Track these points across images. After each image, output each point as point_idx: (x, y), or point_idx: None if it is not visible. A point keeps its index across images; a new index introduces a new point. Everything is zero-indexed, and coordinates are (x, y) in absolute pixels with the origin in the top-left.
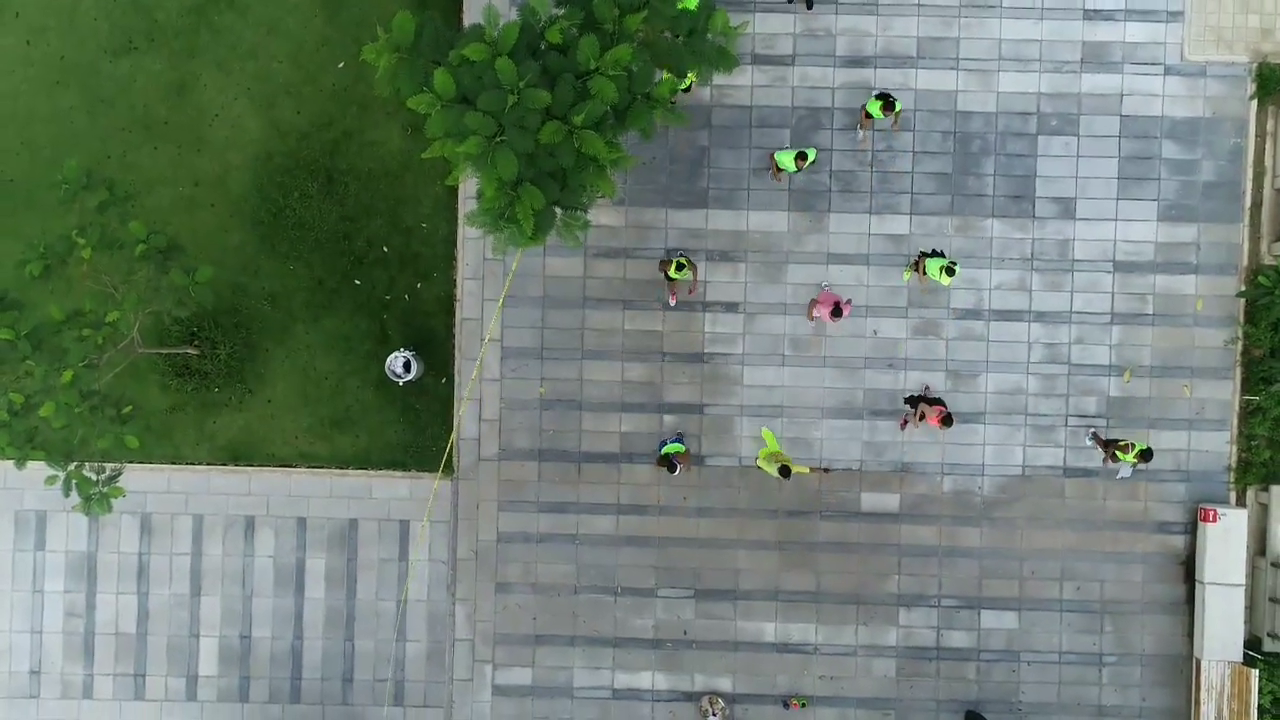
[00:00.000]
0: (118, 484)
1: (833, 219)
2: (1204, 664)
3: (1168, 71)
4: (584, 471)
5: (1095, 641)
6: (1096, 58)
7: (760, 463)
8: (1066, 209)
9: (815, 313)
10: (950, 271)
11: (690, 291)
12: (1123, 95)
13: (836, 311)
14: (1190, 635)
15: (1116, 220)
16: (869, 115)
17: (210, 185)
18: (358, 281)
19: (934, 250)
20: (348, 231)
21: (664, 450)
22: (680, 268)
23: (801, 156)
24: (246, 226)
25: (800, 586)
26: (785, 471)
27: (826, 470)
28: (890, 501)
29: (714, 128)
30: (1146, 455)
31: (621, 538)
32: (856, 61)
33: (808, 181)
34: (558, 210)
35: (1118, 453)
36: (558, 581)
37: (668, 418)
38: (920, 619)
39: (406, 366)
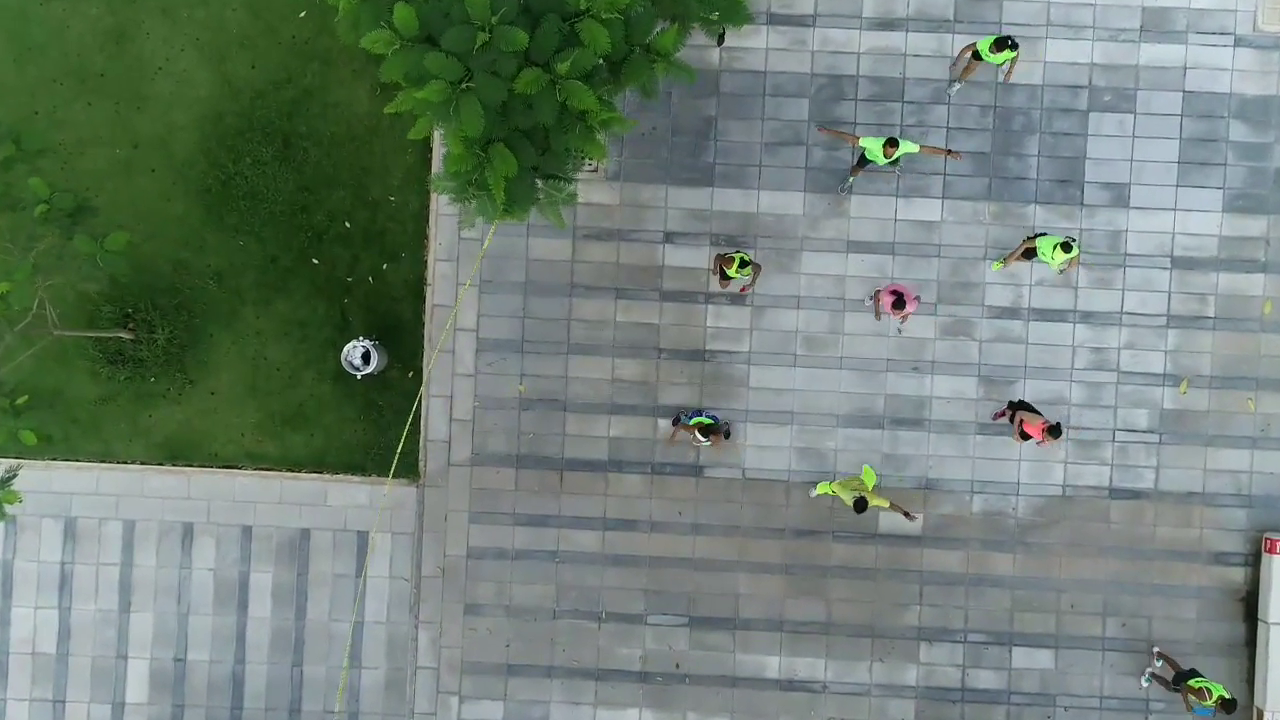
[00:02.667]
0: (12, 487)
1: (855, 202)
2: (1266, 715)
3: (1238, 43)
4: (567, 481)
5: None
6: (1157, 26)
7: (833, 487)
8: (1119, 196)
9: (877, 304)
10: (1067, 248)
11: (742, 290)
12: (1186, 69)
13: (899, 303)
14: (1250, 682)
15: (1175, 210)
16: (977, 57)
17: (151, 147)
18: (316, 260)
19: (1039, 232)
20: (306, 203)
21: (695, 420)
22: (744, 265)
23: (892, 144)
24: (191, 195)
25: (808, 616)
26: (861, 505)
27: (909, 516)
28: (914, 522)
29: (723, 95)
30: (1229, 706)
31: (607, 556)
32: (886, 24)
33: (827, 159)
34: (537, 180)
35: (1191, 695)
36: (535, 604)
37: (662, 421)
38: (944, 656)
39: (366, 358)
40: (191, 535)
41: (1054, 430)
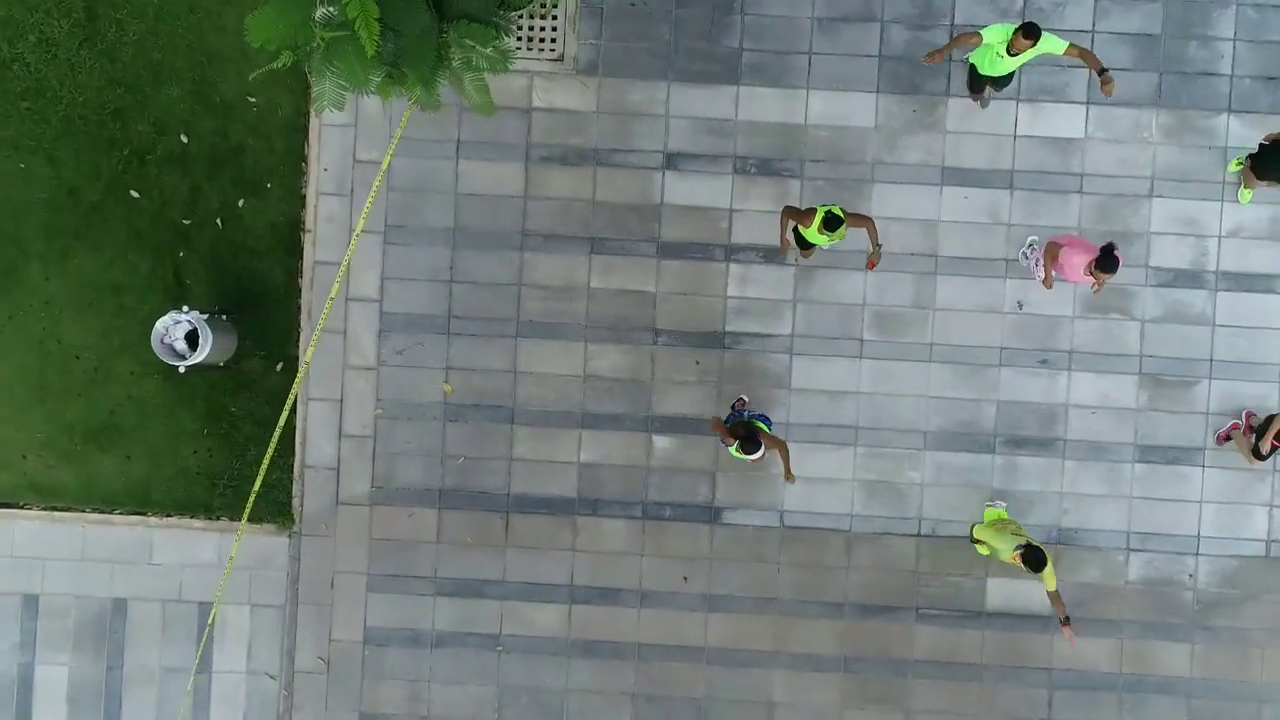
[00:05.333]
0: None
1: (953, 109)
2: None
3: None
4: (515, 528)
5: None
6: None
7: (984, 527)
8: None
9: (1063, 271)
10: None
11: (870, 265)
12: None
13: (1107, 261)
14: None
15: None
16: None
17: None
18: (136, 193)
19: None
20: (121, 106)
21: (743, 418)
22: (833, 223)
23: (1030, 32)
24: None
25: None
26: (1035, 558)
27: (1066, 624)
28: (1040, 594)
29: None
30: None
31: (575, 643)
32: None
33: (913, 43)
34: (442, 27)
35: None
36: (466, 713)
37: (660, 439)
38: None
39: (193, 340)
40: None
41: None
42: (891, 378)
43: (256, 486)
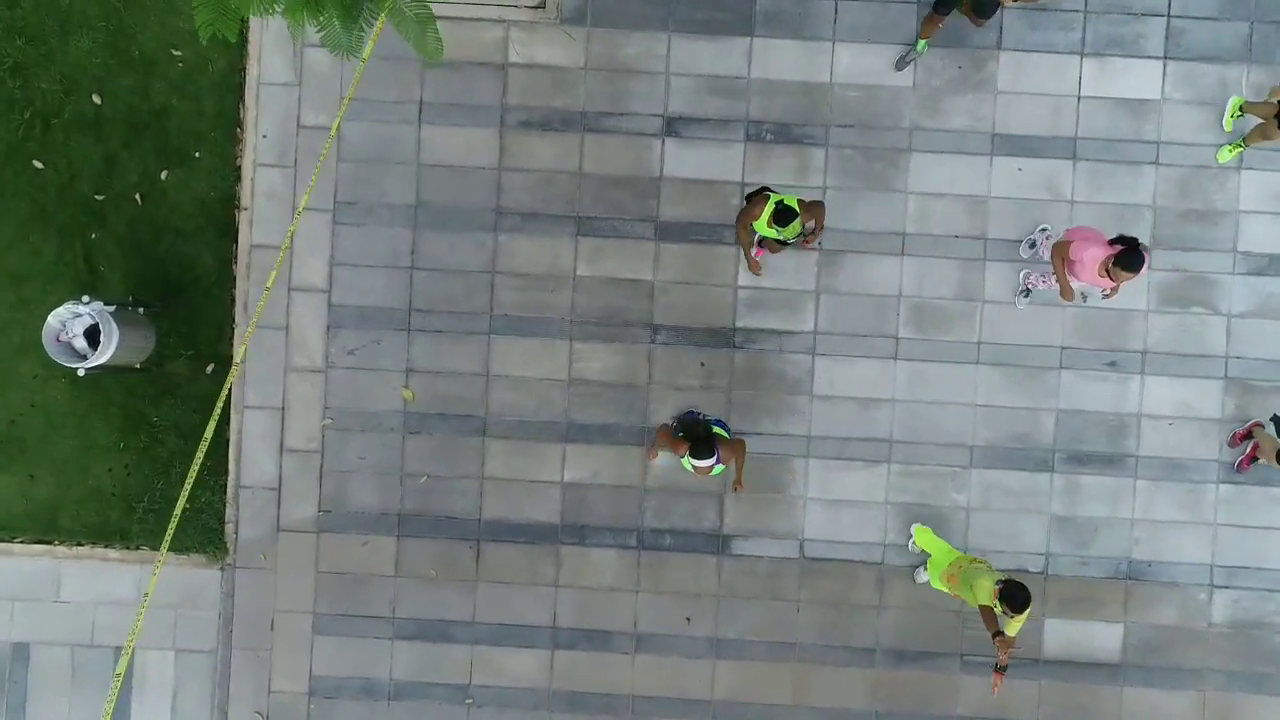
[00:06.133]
0: None
1: (1005, 64)
2: None
3: None
4: (487, 559)
5: None
6: None
7: (962, 566)
8: None
9: (1077, 276)
10: None
11: (805, 242)
12: None
13: (1132, 258)
14: None
15: None
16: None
17: None
18: (39, 164)
19: None
20: (22, 61)
21: (699, 418)
22: (785, 216)
23: None
24: None
25: None
26: (1020, 595)
27: (1000, 671)
28: (1106, 639)
29: None
30: None
31: (559, 695)
32: None
33: None
34: None
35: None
36: None
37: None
38: None
39: (93, 336)
40: None
41: None
42: (932, 383)
43: (179, 510)
